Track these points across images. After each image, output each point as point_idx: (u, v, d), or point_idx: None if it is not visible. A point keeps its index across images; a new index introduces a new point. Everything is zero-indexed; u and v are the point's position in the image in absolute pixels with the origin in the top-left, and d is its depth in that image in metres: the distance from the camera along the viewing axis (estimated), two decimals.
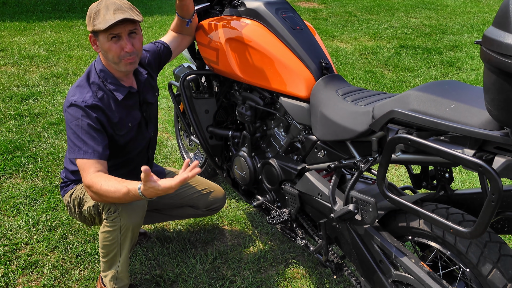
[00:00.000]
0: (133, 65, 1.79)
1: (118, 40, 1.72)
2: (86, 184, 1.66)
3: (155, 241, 2.39)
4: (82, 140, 1.70)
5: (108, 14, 1.67)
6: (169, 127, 3.72)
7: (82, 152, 1.69)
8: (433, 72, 5.26)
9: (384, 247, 1.53)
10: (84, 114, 1.71)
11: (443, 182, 1.55)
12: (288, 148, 2.01)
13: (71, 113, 1.72)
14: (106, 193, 1.60)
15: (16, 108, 3.86)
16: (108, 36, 1.70)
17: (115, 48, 1.72)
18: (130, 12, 1.70)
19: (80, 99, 1.72)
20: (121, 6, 1.70)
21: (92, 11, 1.71)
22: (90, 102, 1.73)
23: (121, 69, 1.78)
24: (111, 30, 1.69)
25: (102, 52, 1.76)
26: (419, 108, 1.30)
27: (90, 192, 1.66)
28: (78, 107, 1.71)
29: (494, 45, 0.97)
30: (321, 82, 1.81)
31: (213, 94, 2.40)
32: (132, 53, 1.75)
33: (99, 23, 1.67)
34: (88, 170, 1.67)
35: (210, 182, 2.22)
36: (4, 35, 6.00)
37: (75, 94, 1.75)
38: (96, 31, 1.70)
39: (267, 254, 2.32)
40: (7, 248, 2.27)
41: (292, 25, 1.93)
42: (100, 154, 1.71)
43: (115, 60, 1.75)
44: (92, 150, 1.69)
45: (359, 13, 8.21)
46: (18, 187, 2.78)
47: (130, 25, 1.73)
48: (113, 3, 1.70)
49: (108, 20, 1.66)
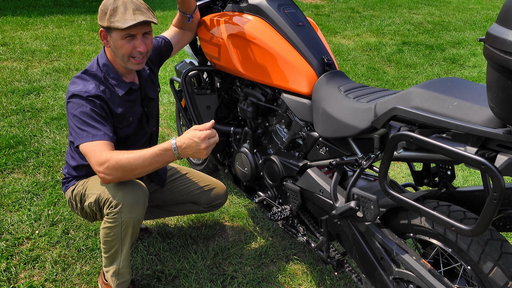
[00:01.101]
0: (141, 65, 1.80)
1: (131, 39, 1.73)
2: (99, 161, 1.60)
3: (156, 236, 2.39)
4: (89, 124, 1.67)
5: (127, 13, 1.67)
6: (171, 122, 3.72)
7: (91, 136, 1.65)
8: (436, 69, 5.25)
9: (385, 244, 1.54)
10: (88, 101, 1.70)
11: (445, 179, 1.55)
12: (290, 144, 2.01)
13: (75, 102, 1.70)
14: (127, 162, 1.57)
15: (18, 103, 3.86)
16: (123, 35, 1.70)
17: (128, 46, 1.73)
18: (148, 14, 1.72)
19: (83, 90, 1.71)
20: (139, 6, 1.71)
21: (108, 7, 1.69)
22: (93, 93, 1.72)
23: (128, 66, 1.79)
24: (128, 30, 1.69)
25: (112, 48, 1.76)
26: (422, 105, 1.30)
27: (105, 169, 1.59)
28: (81, 97, 1.70)
29: (497, 43, 0.97)
30: (323, 78, 1.80)
31: (215, 90, 2.40)
32: (143, 53, 1.77)
33: (117, 21, 1.67)
34: (100, 149, 1.62)
35: (211, 178, 2.22)
36: (6, 29, 6.00)
37: (77, 85, 1.74)
38: (111, 28, 1.70)
39: (268, 250, 2.32)
40: (9, 242, 2.27)
41: (294, 21, 1.92)
42: (110, 137, 1.69)
43: (124, 58, 1.76)
44: (102, 132, 1.67)
45: (361, 9, 8.18)
46: (20, 182, 2.79)
47: (146, 26, 1.74)
48: (131, 2, 1.70)
49: (127, 20, 1.66)
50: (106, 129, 1.70)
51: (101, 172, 1.61)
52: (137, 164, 1.59)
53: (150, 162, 1.59)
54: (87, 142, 1.65)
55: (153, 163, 1.60)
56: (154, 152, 1.59)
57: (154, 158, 1.59)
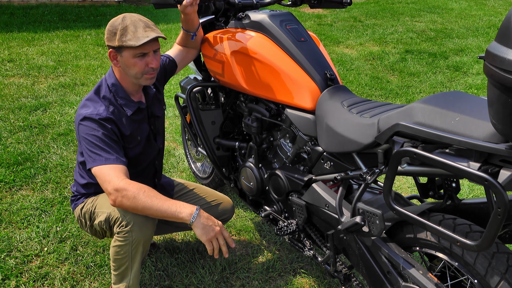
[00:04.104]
0: (153, 80, 1.84)
1: (143, 57, 1.76)
2: (116, 187, 1.63)
3: (164, 251, 2.40)
4: (101, 148, 1.71)
5: (138, 31, 1.71)
6: (177, 136, 3.75)
7: (104, 159, 1.69)
8: (439, 77, 5.25)
9: (391, 258, 1.54)
10: (100, 125, 1.74)
11: (450, 191, 1.56)
12: (295, 159, 2.03)
13: (86, 125, 1.73)
14: (143, 204, 1.63)
15: (25, 119, 3.91)
16: (136, 53, 1.73)
17: (140, 64, 1.76)
18: (157, 30, 1.76)
19: (94, 112, 1.75)
20: (148, 24, 1.75)
21: (117, 27, 1.72)
22: (104, 115, 1.75)
23: (141, 83, 1.83)
24: (141, 48, 1.73)
25: (124, 67, 1.79)
26: (424, 121, 1.31)
27: (119, 197, 1.63)
28: (92, 120, 1.73)
29: (497, 61, 0.98)
30: (326, 93, 1.82)
31: (219, 105, 2.42)
32: (156, 69, 1.81)
33: (129, 40, 1.70)
34: (116, 174, 1.66)
35: (218, 193, 2.24)
36: (12, 45, 6.07)
37: (88, 108, 1.77)
38: (123, 47, 1.72)
39: (275, 264, 2.33)
40: (18, 260, 2.30)
41: (296, 36, 1.95)
42: (123, 162, 1.73)
43: (138, 76, 1.79)
44: (115, 157, 1.71)
45: (364, 18, 8.22)
46: (28, 199, 2.81)
47: (156, 43, 1.78)
48: (140, 20, 1.74)
49: (140, 37, 1.70)
50: (118, 153, 1.74)
51: (115, 197, 1.64)
52: (150, 211, 1.65)
53: (162, 215, 1.66)
54: (101, 166, 1.68)
55: (164, 217, 1.66)
56: (171, 212, 1.65)
57: (168, 215, 1.65)
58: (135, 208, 1.64)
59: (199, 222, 1.66)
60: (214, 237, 1.67)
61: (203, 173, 3.04)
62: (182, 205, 1.66)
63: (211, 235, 1.67)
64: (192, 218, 1.64)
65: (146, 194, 1.64)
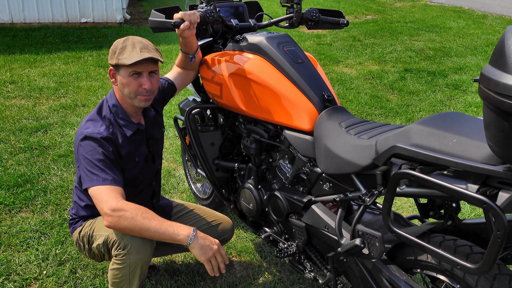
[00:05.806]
0: (148, 102, 1.86)
1: (138, 77, 1.79)
2: (113, 207, 1.63)
3: (164, 273, 2.38)
4: (99, 168, 1.72)
5: (134, 51, 1.75)
6: (177, 157, 3.75)
7: (101, 180, 1.70)
8: (439, 95, 5.27)
9: (392, 280, 1.52)
10: (100, 145, 1.75)
11: (450, 212, 1.55)
12: (294, 180, 2.02)
13: (87, 144, 1.75)
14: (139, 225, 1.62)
15: (26, 140, 3.92)
16: (130, 72, 1.77)
17: (134, 84, 1.79)
18: (154, 52, 1.79)
19: (95, 131, 1.77)
20: (147, 46, 1.79)
21: (117, 46, 1.78)
22: (105, 135, 1.78)
23: (135, 104, 1.84)
24: (135, 67, 1.76)
25: (120, 86, 1.82)
26: (422, 142, 1.31)
27: (116, 218, 1.62)
28: (93, 139, 1.75)
29: (492, 84, 0.98)
30: (324, 114, 1.83)
31: (218, 126, 2.43)
32: (149, 91, 1.82)
33: (124, 58, 1.74)
34: (112, 195, 1.66)
35: (218, 214, 2.23)
36: (14, 67, 6.12)
37: (88, 127, 1.79)
38: (119, 65, 1.77)
39: (276, 286, 2.30)
40: (17, 284, 2.28)
41: (294, 58, 1.96)
42: (120, 183, 1.74)
43: (131, 95, 1.81)
44: (111, 178, 1.71)
45: (362, 38, 8.29)
46: (28, 221, 2.80)
47: (152, 65, 1.81)
48: (140, 42, 1.79)
49: (133, 56, 1.74)
50: (116, 174, 1.74)
51: (111, 217, 1.63)
52: (147, 232, 1.65)
53: (160, 237, 1.66)
54: (97, 186, 1.69)
55: (161, 238, 1.67)
56: (168, 234, 1.65)
57: (165, 237, 1.66)
58: (132, 229, 1.63)
59: (197, 243, 1.66)
60: (212, 256, 1.68)
61: (203, 193, 3.03)
62: (179, 227, 1.66)
63: (209, 255, 1.67)
64: (189, 240, 1.64)
65: (143, 215, 1.64)
